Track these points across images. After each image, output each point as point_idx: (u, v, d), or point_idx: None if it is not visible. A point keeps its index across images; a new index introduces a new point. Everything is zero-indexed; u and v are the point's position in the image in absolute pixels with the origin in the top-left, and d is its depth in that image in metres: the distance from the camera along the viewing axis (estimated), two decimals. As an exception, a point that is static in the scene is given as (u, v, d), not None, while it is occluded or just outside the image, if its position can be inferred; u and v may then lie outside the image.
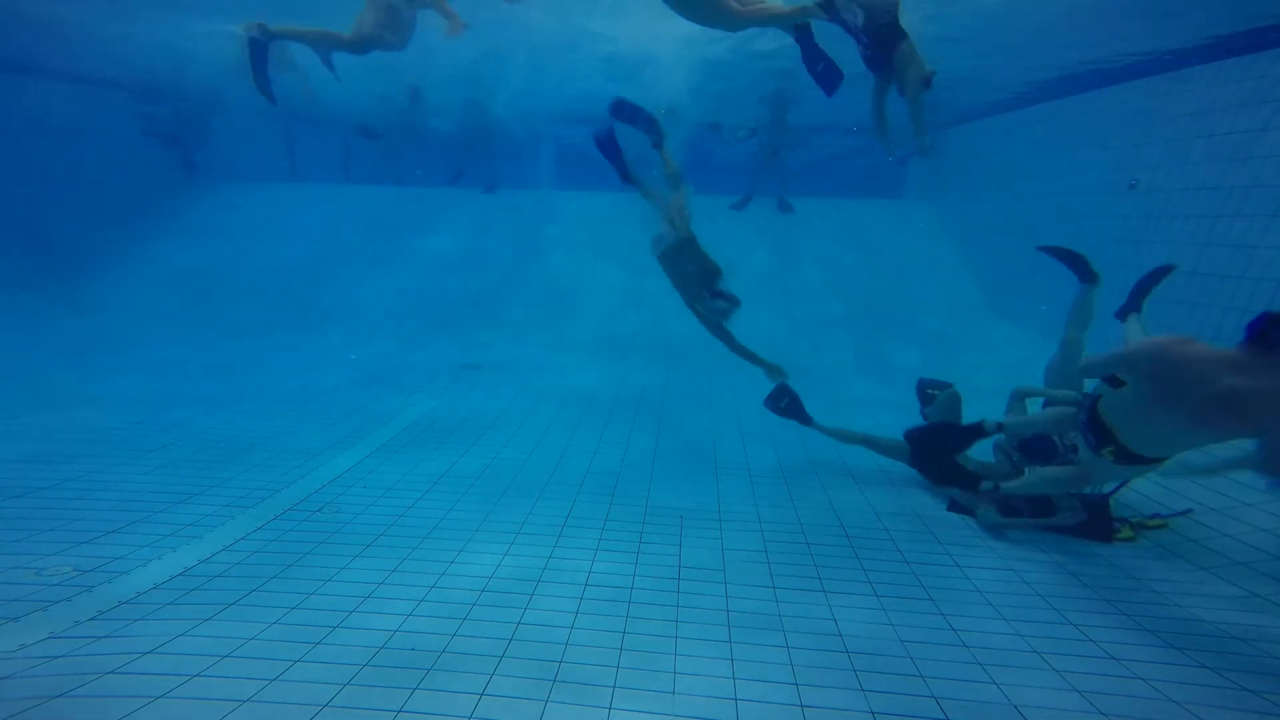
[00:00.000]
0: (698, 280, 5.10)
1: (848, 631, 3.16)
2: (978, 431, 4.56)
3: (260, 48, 5.18)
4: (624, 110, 5.64)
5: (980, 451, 4.94)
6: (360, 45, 5.36)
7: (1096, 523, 4.26)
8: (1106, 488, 4.40)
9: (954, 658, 2.99)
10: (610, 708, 2.55)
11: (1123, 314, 4.56)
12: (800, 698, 2.66)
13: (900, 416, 6.55)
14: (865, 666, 2.89)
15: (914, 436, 5.00)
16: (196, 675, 2.63)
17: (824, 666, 2.88)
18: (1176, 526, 4.28)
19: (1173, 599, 3.56)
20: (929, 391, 5.51)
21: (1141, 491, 4.70)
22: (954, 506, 4.64)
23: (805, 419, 5.48)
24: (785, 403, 5.62)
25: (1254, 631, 3.25)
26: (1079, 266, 5.03)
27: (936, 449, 4.88)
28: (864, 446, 5.29)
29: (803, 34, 4.62)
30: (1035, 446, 4.45)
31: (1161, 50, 7.47)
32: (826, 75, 4.69)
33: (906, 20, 4.99)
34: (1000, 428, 4.51)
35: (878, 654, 2.99)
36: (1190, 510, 4.35)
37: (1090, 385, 4.93)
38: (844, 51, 4.91)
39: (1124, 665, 2.97)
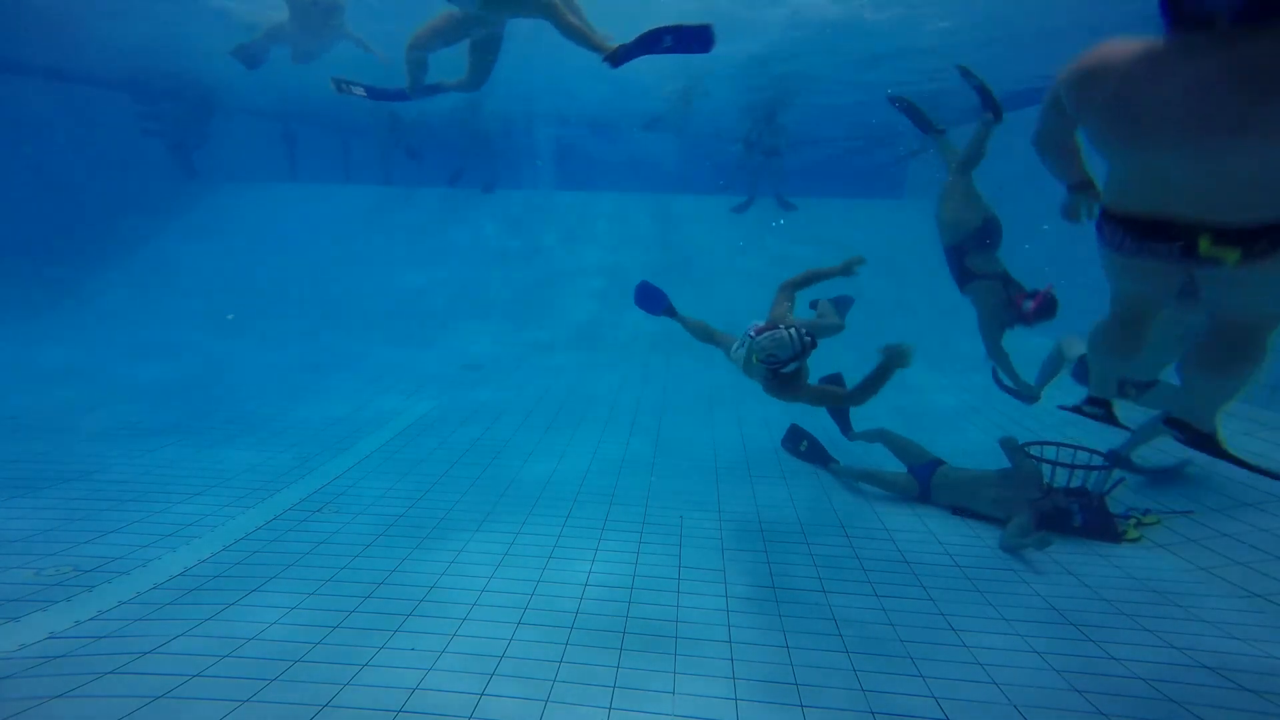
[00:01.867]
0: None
1: (848, 631, 3.16)
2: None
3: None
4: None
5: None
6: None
7: (1100, 524, 4.26)
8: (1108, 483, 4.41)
9: (954, 658, 2.99)
10: (610, 708, 2.55)
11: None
12: (800, 698, 2.66)
13: (898, 418, 6.56)
14: (865, 666, 2.89)
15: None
16: (196, 675, 2.63)
17: (824, 666, 2.88)
18: (1177, 526, 4.28)
19: (1173, 599, 3.56)
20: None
21: (1137, 488, 4.70)
22: (958, 510, 4.64)
23: (826, 460, 5.43)
24: (805, 445, 5.59)
25: (1254, 632, 3.25)
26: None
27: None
28: (868, 483, 5.08)
29: (615, 57, 3.96)
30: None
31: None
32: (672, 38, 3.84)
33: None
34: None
35: (878, 654, 2.99)
36: (1192, 511, 4.35)
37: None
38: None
39: (1124, 665, 2.97)
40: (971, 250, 4.81)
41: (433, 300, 10.77)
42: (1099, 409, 2.85)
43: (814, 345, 3.52)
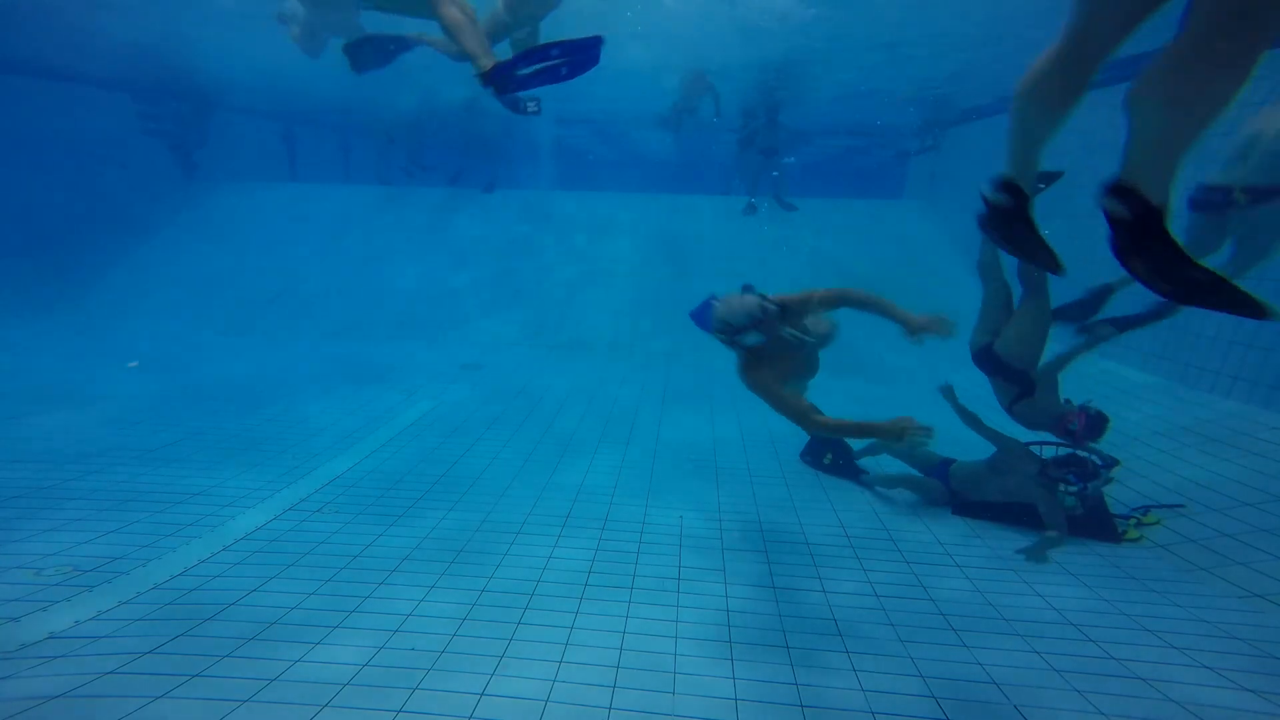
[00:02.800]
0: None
1: (847, 631, 3.16)
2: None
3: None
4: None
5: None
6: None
7: (1100, 523, 4.26)
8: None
9: (953, 657, 2.99)
10: (610, 708, 2.55)
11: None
12: (800, 697, 2.66)
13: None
14: (865, 666, 2.89)
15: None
16: (196, 675, 2.63)
17: (824, 666, 2.88)
18: (1177, 526, 4.28)
19: (1173, 599, 3.57)
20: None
21: (1134, 488, 4.70)
22: (959, 510, 4.64)
23: (855, 473, 5.24)
24: (829, 458, 5.31)
25: (1254, 631, 3.25)
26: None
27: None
28: (902, 489, 4.99)
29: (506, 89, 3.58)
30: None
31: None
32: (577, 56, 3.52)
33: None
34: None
35: (877, 653, 2.99)
36: (1182, 505, 4.36)
37: None
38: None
39: (1124, 665, 2.97)
40: (984, 373, 4.55)
41: (432, 300, 10.78)
42: (1009, 197, 2.03)
43: (781, 316, 2.88)
